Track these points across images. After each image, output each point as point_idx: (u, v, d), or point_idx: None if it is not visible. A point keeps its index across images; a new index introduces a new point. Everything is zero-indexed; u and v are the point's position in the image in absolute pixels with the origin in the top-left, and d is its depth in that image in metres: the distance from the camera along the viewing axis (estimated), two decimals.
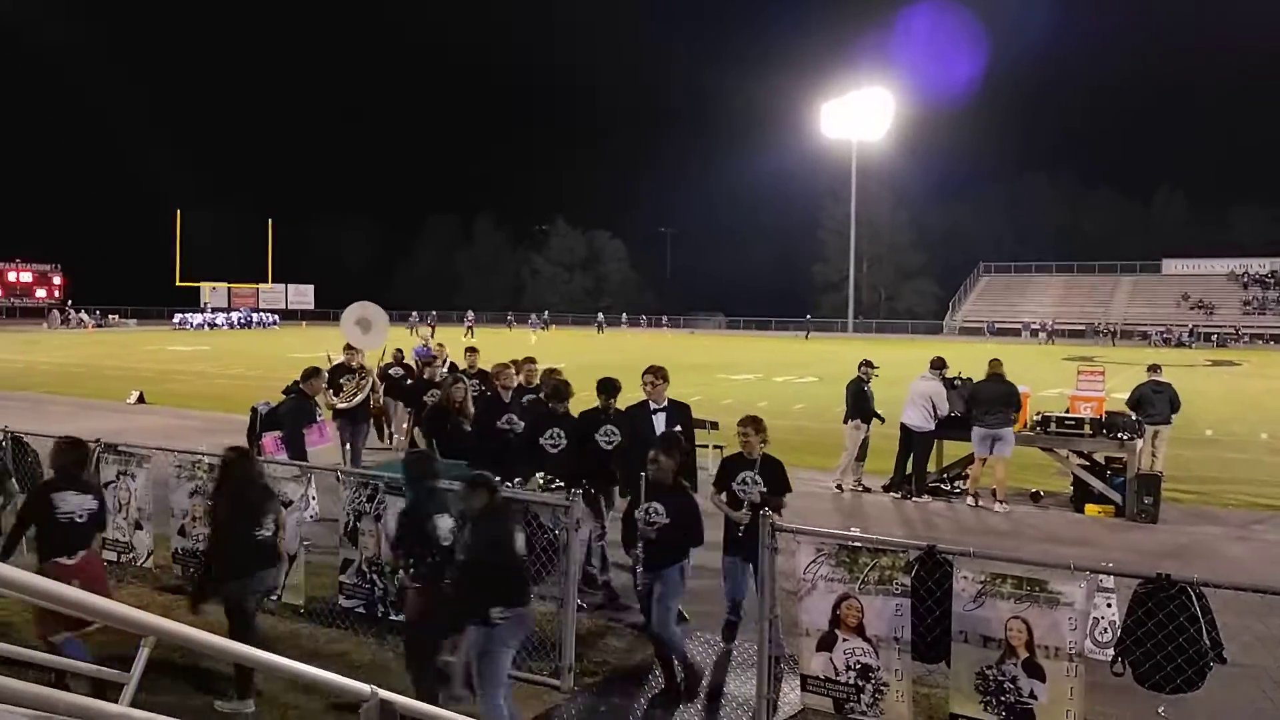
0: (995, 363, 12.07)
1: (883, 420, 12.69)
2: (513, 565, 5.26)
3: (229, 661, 5.12)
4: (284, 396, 10.25)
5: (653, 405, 7.93)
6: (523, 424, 8.57)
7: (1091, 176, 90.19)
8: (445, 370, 12.15)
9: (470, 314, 67.65)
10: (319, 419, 9.84)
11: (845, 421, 12.75)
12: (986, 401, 11.66)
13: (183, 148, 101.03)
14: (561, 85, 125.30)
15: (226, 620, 5.68)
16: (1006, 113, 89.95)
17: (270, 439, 9.99)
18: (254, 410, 10.74)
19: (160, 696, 5.40)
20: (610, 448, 7.89)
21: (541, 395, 8.86)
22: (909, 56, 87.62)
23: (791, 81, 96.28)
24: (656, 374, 8.03)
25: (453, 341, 18.47)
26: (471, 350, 11.79)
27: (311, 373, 9.84)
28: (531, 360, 10.04)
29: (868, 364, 12.91)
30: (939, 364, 12.42)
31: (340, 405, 11.73)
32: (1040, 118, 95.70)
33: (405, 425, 12.38)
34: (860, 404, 12.61)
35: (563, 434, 7.95)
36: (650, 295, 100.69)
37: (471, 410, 9.10)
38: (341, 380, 11.86)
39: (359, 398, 11.85)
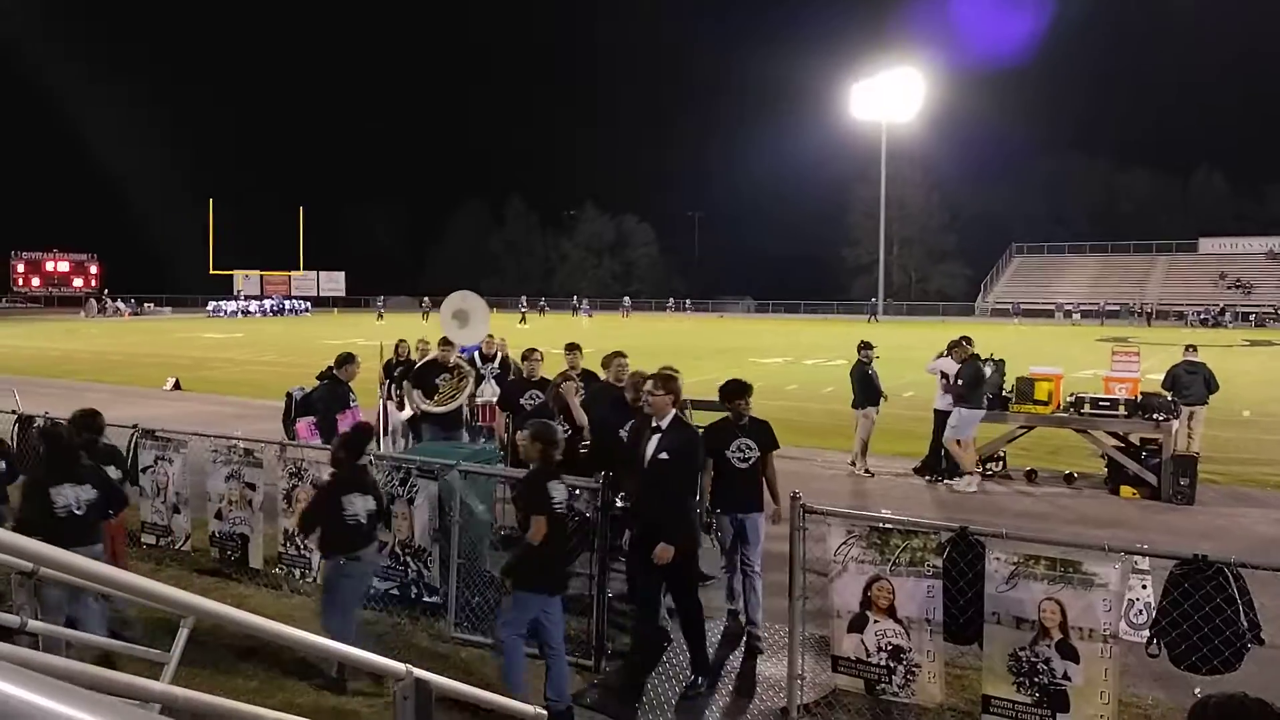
0: (966, 343, 12.04)
1: (886, 399, 12.72)
2: None
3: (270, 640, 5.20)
4: (318, 382, 10.35)
5: (653, 421, 6.12)
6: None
7: (1128, 155, 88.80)
8: (497, 368, 11.02)
9: (524, 299, 66.94)
10: (353, 404, 9.91)
11: (858, 408, 12.56)
12: (982, 382, 11.66)
13: (215, 136, 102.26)
14: (589, 68, 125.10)
15: None
16: (1042, 92, 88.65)
17: (304, 424, 10.09)
18: (289, 395, 10.85)
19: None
20: (746, 465, 6.64)
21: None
22: (941, 36, 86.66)
23: (821, 63, 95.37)
24: (657, 382, 6.17)
25: (504, 330, 17.41)
26: (573, 347, 9.88)
27: (346, 358, 9.92)
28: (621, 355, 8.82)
29: (867, 346, 12.81)
30: (967, 343, 12.27)
31: (436, 410, 10.16)
32: (1076, 96, 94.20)
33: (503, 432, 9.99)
34: (869, 388, 12.49)
35: None
36: (678, 279, 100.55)
37: (583, 417, 8.07)
38: (437, 380, 10.25)
39: (458, 400, 10.21)
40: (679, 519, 5.97)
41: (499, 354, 11.36)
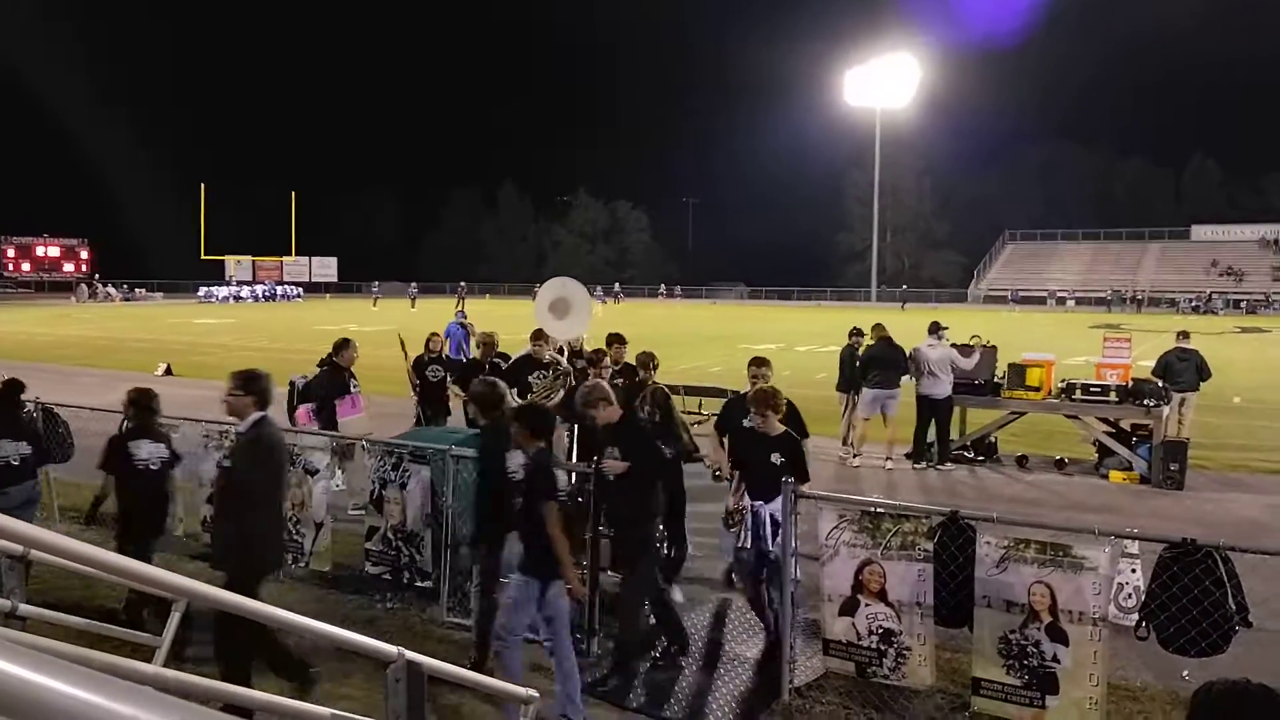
0: (880, 327, 12.75)
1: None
2: None
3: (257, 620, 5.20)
4: (318, 369, 10.35)
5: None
6: None
7: (1122, 144, 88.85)
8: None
9: (539, 287, 64.90)
10: (354, 389, 9.88)
11: (848, 391, 12.95)
12: (881, 364, 12.17)
13: (206, 121, 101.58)
14: (583, 55, 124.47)
15: None
16: (1035, 78, 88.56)
17: (303, 410, 10.07)
18: (292, 384, 10.81)
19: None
20: None
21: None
22: (935, 21, 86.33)
23: (816, 48, 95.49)
24: (238, 380, 5.24)
25: (517, 319, 16.80)
26: (617, 339, 9.15)
27: (342, 344, 9.91)
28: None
29: (858, 332, 13.09)
30: (937, 328, 12.37)
31: None
32: (1070, 83, 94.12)
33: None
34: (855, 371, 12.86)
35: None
36: (672, 265, 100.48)
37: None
38: (531, 378, 9.29)
39: (555, 399, 9.01)
40: (232, 541, 5.32)
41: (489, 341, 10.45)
